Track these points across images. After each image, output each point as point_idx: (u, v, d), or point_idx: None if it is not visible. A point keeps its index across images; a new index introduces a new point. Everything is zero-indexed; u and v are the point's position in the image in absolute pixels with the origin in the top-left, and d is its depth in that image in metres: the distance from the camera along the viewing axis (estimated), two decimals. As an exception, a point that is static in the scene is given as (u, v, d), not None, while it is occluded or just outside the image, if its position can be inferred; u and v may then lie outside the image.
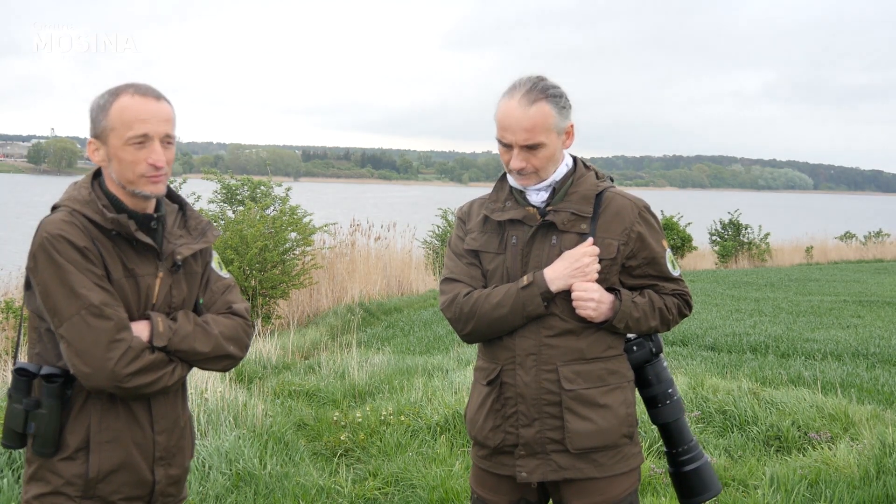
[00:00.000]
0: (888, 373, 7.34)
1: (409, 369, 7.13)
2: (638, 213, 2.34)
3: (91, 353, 1.96)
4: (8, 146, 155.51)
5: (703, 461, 2.46)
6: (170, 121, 2.11)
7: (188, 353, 2.10)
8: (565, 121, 2.32)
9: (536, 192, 2.35)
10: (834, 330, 10.01)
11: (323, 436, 5.34)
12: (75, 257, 2.00)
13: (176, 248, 2.16)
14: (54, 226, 2.02)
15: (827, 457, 4.60)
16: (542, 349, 2.29)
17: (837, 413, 5.38)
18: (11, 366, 2.16)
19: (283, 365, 8.14)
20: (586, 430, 2.26)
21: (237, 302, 2.27)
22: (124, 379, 1.98)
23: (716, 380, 6.23)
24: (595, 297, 2.25)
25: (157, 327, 2.06)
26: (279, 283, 11.52)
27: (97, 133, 2.10)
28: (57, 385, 2.02)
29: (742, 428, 5.29)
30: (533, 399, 2.29)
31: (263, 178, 14.71)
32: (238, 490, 4.15)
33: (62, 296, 1.98)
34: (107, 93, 2.10)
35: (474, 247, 2.41)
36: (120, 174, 2.08)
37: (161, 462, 2.15)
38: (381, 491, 4.42)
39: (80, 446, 2.05)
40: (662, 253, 2.38)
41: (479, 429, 2.39)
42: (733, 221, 25.47)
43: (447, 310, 2.39)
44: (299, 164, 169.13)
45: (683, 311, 2.44)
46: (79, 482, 2.04)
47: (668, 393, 2.43)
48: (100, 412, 2.06)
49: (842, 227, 32.27)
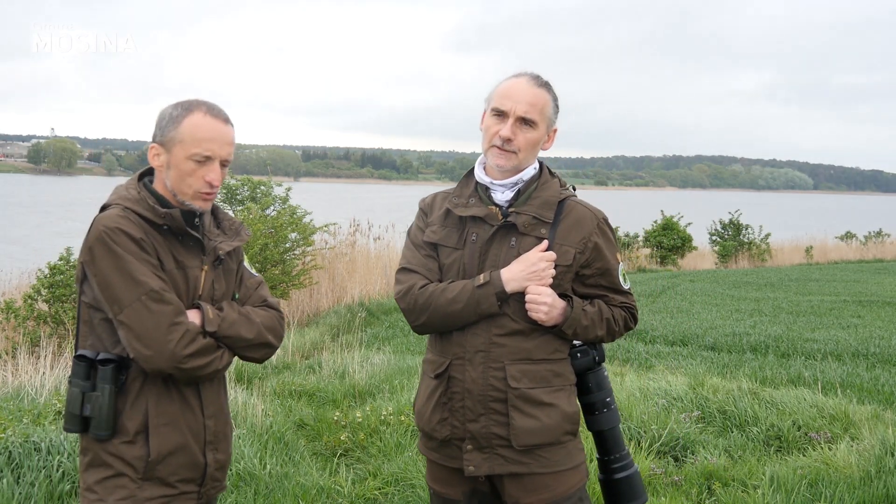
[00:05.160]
0: (888, 373, 7.34)
1: (409, 369, 7.13)
2: (597, 225, 2.41)
3: (152, 336, 2.07)
4: (8, 146, 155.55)
5: (633, 470, 2.52)
6: (232, 144, 2.24)
7: (235, 340, 2.22)
8: (555, 120, 2.43)
9: (502, 190, 2.41)
10: (834, 330, 10.02)
11: (323, 436, 5.34)
12: (133, 248, 2.10)
13: (217, 245, 2.29)
14: (111, 220, 2.12)
15: (827, 457, 4.60)
16: (492, 347, 2.34)
17: (837, 413, 5.38)
18: (72, 354, 2.32)
19: (284, 365, 8.14)
20: (531, 427, 2.31)
21: (270, 297, 2.41)
22: (184, 360, 2.09)
23: (716, 380, 6.23)
24: (548, 302, 2.31)
25: (208, 314, 2.18)
26: (279, 282, 11.52)
27: (163, 141, 2.20)
28: (110, 368, 2.12)
29: (742, 428, 5.29)
30: (479, 395, 2.34)
31: (263, 178, 14.73)
32: (238, 490, 4.15)
33: (122, 283, 2.07)
34: (179, 105, 2.21)
35: (433, 239, 2.45)
36: (176, 184, 2.21)
37: (210, 446, 2.26)
38: (381, 491, 4.42)
39: (139, 429, 2.14)
40: (616, 266, 2.46)
41: (426, 420, 2.44)
42: (733, 221, 25.46)
43: (402, 300, 2.42)
44: (299, 164, 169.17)
45: (629, 324, 2.51)
46: (139, 464, 2.14)
47: (607, 402, 2.49)
48: (156, 397, 2.16)
49: (842, 227, 32.26)
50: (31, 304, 9.17)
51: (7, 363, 7.20)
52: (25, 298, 9.34)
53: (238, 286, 2.38)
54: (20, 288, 11.42)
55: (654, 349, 8.51)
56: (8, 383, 6.12)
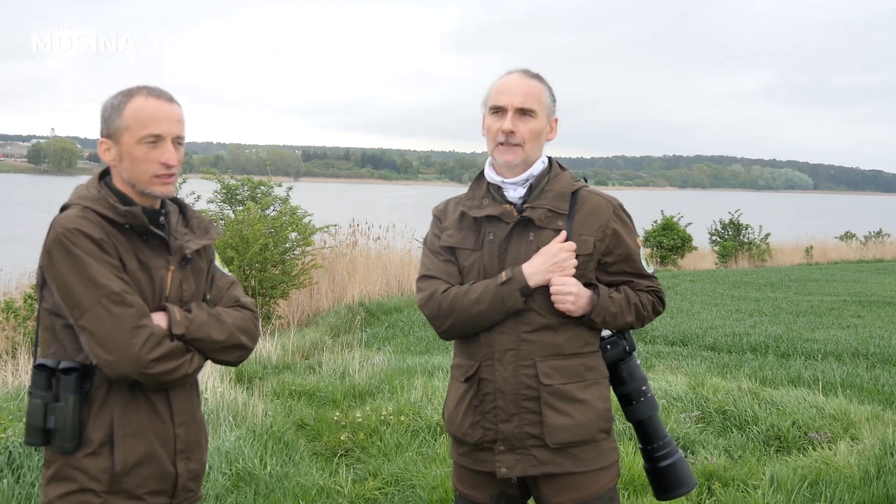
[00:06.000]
0: (888, 373, 7.34)
1: (409, 369, 7.13)
2: (613, 211, 2.40)
3: (115, 340, 1.97)
4: (8, 146, 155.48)
5: (678, 457, 2.50)
6: (181, 122, 2.16)
7: (205, 342, 2.13)
8: (554, 109, 2.42)
9: (514, 187, 2.40)
10: (834, 330, 10.01)
11: (323, 436, 5.34)
12: (92, 248, 2.01)
13: (183, 244, 2.19)
14: (69, 220, 2.03)
15: (827, 457, 4.60)
16: (521, 345, 2.32)
17: (837, 413, 5.38)
18: (31, 364, 2.17)
19: (284, 365, 8.14)
20: (564, 425, 2.29)
21: (243, 297, 2.32)
22: (148, 365, 2.00)
23: (716, 380, 6.23)
24: (573, 291, 2.29)
25: (175, 316, 2.09)
26: (279, 282, 11.51)
27: (110, 132, 2.13)
28: (73, 377, 2.02)
29: (742, 428, 5.29)
30: (512, 394, 2.31)
31: (263, 178, 14.71)
32: (238, 490, 4.15)
33: (82, 287, 1.98)
34: (120, 94, 2.13)
35: (450, 243, 2.43)
36: (131, 173, 2.12)
37: (182, 455, 2.16)
38: (381, 491, 4.42)
39: (103, 440, 2.05)
40: (637, 250, 2.44)
41: (457, 426, 2.42)
42: (733, 221, 25.45)
43: (425, 306, 2.41)
44: (299, 164, 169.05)
45: (657, 307, 2.50)
46: (104, 477, 2.04)
47: (643, 390, 2.48)
48: (122, 405, 2.06)
49: (842, 227, 32.25)
50: (32, 303, 9.15)
51: (7, 363, 7.20)
52: (26, 298, 9.34)
53: (209, 286, 2.28)
54: (20, 288, 11.42)
55: (654, 349, 8.51)
56: (8, 383, 6.12)
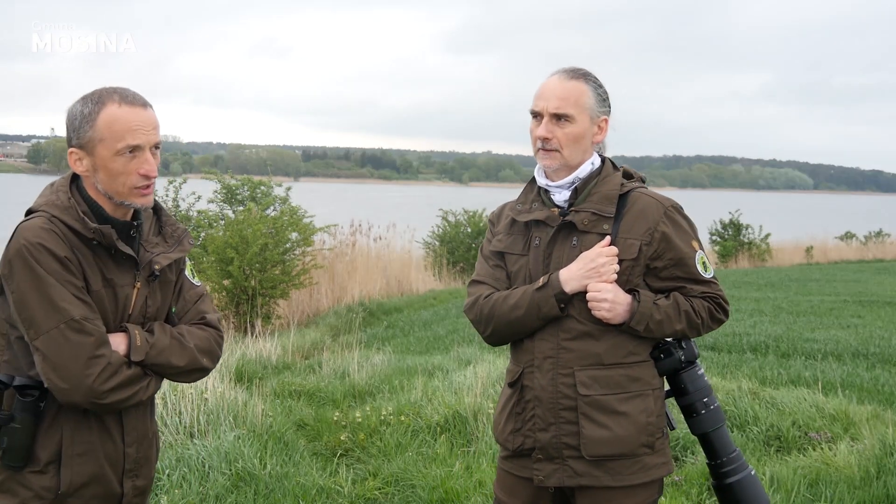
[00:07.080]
0: (888, 373, 7.34)
1: (409, 369, 7.13)
2: (664, 213, 2.29)
3: (69, 369, 1.90)
4: (8, 146, 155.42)
5: (747, 472, 2.34)
6: (157, 127, 2.05)
7: (164, 367, 2.06)
8: (601, 109, 2.33)
9: (559, 191, 2.34)
10: (834, 330, 10.00)
11: (323, 436, 5.34)
12: (55, 267, 1.91)
13: (153, 258, 2.10)
14: (32, 233, 1.93)
15: (827, 457, 4.60)
16: (560, 353, 2.26)
17: (838, 413, 5.37)
18: None
19: (284, 365, 8.14)
20: (602, 437, 2.22)
21: (210, 312, 2.23)
22: (102, 395, 1.93)
23: (716, 380, 6.22)
24: (609, 298, 2.20)
25: (135, 341, 2.01)
26: (279, 282, 11.51)
27: (81, 143, 2.01)
28: (32, 399, 1.95)
29: (742, 428, 5.29)
30: (549, 403, 2.26)
31: (264, 178, 14.71)
32: (238, 490, 4.14)
33: (41, 308, 1.89)
34: (89, 100, 2.00)
35: (500, 248, 2.41)
36: (109, 186, 2.01)
37: (130, 474, 2.11)
38: (381, 491, 4.42)
39: (50, 459, 1.99)
40: (692, 254, 2.30)
41: (500, 431, 2.40)
42: (733, 221, 25.46)
43: (469, 311, 2.40)
44: (299, 164, 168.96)
45: (716, 314, 2.32)
46: (48, 495, 1.99)
47: (704, 402, 2.33)
48: (72, 425, 2.00)
49: (842, 227, 32.24)
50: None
51: None
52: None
53: (176, 299, 2.19)
54: None
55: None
56: None
